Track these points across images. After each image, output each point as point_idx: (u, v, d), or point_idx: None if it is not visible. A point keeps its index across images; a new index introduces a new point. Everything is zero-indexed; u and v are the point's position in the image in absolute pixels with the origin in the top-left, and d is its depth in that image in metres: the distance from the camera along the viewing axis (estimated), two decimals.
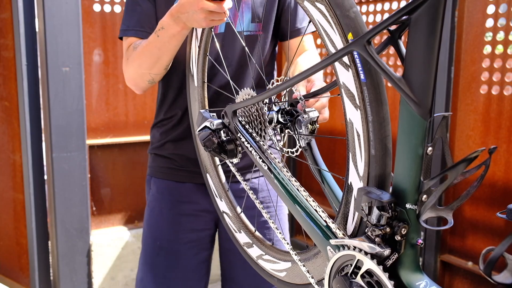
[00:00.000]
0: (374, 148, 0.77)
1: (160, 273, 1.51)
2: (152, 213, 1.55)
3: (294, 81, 0.87)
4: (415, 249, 0.74)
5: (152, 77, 1.38)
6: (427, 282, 0.72)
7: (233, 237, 1.27)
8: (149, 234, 1.55)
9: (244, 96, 1.09)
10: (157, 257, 1.51)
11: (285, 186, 0.96)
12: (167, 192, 1.53)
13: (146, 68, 1.35)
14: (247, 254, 1.22)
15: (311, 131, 1.02)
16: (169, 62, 1.34)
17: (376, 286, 0.74)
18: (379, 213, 0.73)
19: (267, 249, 1.16)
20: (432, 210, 0.73)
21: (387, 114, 0.77)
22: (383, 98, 0.76)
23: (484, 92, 2.08)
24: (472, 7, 2.09)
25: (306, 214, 0.91)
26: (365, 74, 0.75)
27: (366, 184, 0.79)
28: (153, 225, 1.54)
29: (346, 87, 0.79)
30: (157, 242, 1.52)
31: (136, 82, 1.42)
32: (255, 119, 1.06)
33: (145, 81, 1.40)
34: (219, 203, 1.32)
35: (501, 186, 2.04)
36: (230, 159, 1.10)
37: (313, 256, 0.97)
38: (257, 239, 1.20)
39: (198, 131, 1.11)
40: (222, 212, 1.31)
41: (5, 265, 2.65)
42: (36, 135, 2.39)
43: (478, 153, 0.69)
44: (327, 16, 0.79)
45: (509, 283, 0.62)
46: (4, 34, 2.39)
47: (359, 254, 0.76)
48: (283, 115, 1.07)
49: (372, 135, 0.77)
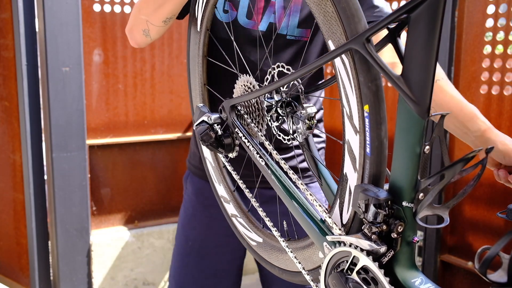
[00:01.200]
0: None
1: (190, 272, 1.52)
2: (186, 214, 1.56)
3: (295, 76, 0.87)
4: (411, 246, 0.75)
5: (148, 27, 1.30)
6: (422, 279, 0.72)
7: (214, 188, 1.29)
8: (182, 232, 1.56)
9: (243, 83, 1.09)
10: (189, 257, 1.53)
11: (282, 182, 0.96)
12: (201, 194, 1.53)
13: (145, 14, 1.28)
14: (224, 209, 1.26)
15: (308, 126, 1.02)
16: (170, 14, 1.27)
17: (371, 282, 0.74)
18: (375, 210, 0.73)
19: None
20: (429, 208, 0.73)
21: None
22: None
23: (484, 92, 2.08)
24: (472, 7, 2.09)
25: (302, 210, 0.91)
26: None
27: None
28: (186, 225, 1.55)
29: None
30: (189, 242, 1.53)
31: (132, 30, 1.35)
32: (253, 107, 1.06)
33: (140, 30, 1.33)
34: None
35: (501, 186, 2.04)
36: (227, 154, 1.11)
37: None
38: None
39: (196, 125, 1.12)
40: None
41: (5, 265, 2.65)
42: (36, 135, 2.39)
43: (476, 153, 0.69)
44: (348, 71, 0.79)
45: (504, 282, 0.62)
46: (4, 34, 2.39)
47: (355, 250, 0.76)
48: (282, 106, 1.07)
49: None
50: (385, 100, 0.77)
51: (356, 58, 0.75)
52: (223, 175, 1.28)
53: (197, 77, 1.31)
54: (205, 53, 1.29)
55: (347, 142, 0.82)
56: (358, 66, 0.75)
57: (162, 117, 2.76)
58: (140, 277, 2.76)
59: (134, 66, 2.64)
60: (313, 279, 0.96)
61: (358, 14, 0.76)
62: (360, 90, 0.76)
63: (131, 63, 2.64)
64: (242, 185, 1.15)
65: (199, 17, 1.24)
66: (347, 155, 0.83)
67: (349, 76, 0.78)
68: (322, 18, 0.81)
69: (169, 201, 2.88)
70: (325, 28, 0.81)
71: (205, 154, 1.32)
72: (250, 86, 1.06)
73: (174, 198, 2.89)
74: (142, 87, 2.69)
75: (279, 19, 1.34)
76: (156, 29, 1.31)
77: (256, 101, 1.04)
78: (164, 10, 1.25)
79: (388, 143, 0.78)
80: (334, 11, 0.78)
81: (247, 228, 1.22)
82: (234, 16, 1.34)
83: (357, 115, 0.78)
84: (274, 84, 0.92)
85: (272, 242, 1.14)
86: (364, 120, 0.77)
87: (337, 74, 0.81)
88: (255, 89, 1.04)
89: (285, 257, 1.09)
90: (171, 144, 2.83)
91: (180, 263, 1.53)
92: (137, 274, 2.75)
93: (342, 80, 0.80)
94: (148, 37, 1.34)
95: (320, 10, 0.81)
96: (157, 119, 2.75)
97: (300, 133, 1.04)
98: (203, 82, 1.31)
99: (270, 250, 1.15)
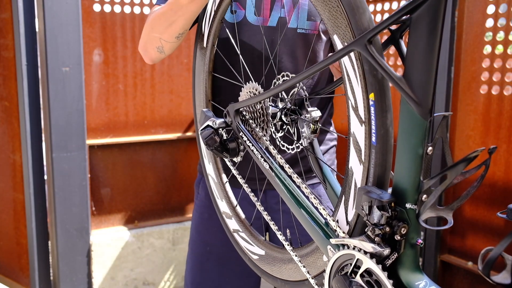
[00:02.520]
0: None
1: (210, 278, 1.50)
2: (201, 219, 1.53)
3: (297, 80, 0.87)
4: (415, 249, 0.74)
5: (162, 44, 1.32)
6: (427, 282, 0.72)
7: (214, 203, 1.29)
8: (198, 239, 1.53)
9: (248, 90, 1.09)
10: (208, 262, 1.50)
11: (287, 186, 0.96)
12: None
13: (158, 32, 1.29)
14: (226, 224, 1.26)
15: (313, 131, 1.02)
16: (182, 30, 1.28)
17: (375, 285, 0.74)
18: (379, 212, 0.73)
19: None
20: (432, 210, 0.73)
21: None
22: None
23: (484, 92, 2.08)
24: (472, 7, 2.09)
25: (307, 213, 0.91)
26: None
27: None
28: (203, 230, 1.53)
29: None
30: (207, 248, 1.51)
31: (146, 47, 1.37)
32: (258, 112, 1.06)
33: (154, 47, 1.34)
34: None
35: (501, 186, 2.04)
36: (232, 158, 1.11)
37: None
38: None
39: (201, 130, 1.12)
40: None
41: (5, 265, 2.65)
42: (36, 135, 2.39)
43: (478, 153, 0.69)
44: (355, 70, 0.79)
45: (508, 284, 0.62)
46: (4, 34, 2.39)
47: (359, 253, 0.76)
48: (286, 114, 1.07)
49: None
50: (390, 88, 0.77)
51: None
52: (225, 190, 1.28)
53: (202, 93, 1.32)
54: (210, 69, 1.29)
55: (352, 135, 0.82)
56: (362, 55, 0.76)
57: (162, 117, 2.76)
58: (140, 277, 2.76)
59: (134, 66, 2.64)
60: (317, 283, 0.95)
61: (362, 6, 0.76)
62: (365, 79, 0.77)
63: (131, 63, 2.63)
64: (247, 188, 1.15)
65: (206, 33, 1.25)
66: (352, 148, 0.83)
67: (354, 66, 0.78)
68: (327, 15, 0.82)
69: (169, 201, 2.88)
70: (330, 23, 0.82)
71: (208, 171, 1.33)
72: (256, 93, 1.07)
73: (174, 198, 2.89)
74: (142, 87, 2.68)
75: (289, 13, 1.34)
76: (169, 45, 1.33)
77: (261, 107, 1.05)
78: (177, 26, 1.26)
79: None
80: (339, 5, 0.78)
81: (249, 242, 1.22)
82: (242, 15, 1.34)
83: (362, 105, 0.78)
84: (278, 88, 0.92)
85: (274, 253, 1.14)
86: (370, 109, 0.77)
87: (342, 66, 0.81)
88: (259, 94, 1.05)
89: (287, 267, 1.09)
90: (171, 144, 2.82)
91: (199, 268, 1.51)
92: (137, 274, 2.75)
93: (347, 71, 0.80)
94: (163, 53, 1.35)
95: (325, 6, 0.81)
96: (157, 119, 2.75)
97: (305, 137, 1.04)
98: (208, 98, 1.31)
99: (272, 262, 1.14)
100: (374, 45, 0.72)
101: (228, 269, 1.50)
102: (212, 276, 1.50)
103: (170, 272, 2.84)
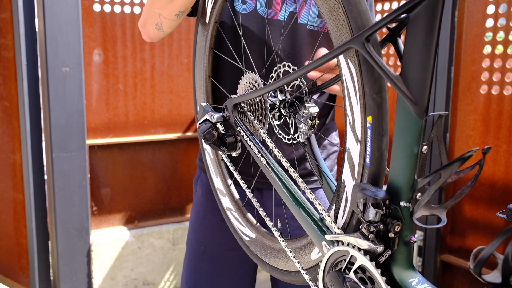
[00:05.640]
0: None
1: (203, 277, 1.50)
2: (197, 217, 1.53)
3: (296, 75, 0.87)
4: (408, 246, 0.74)
5: (161, 21, 1.31)
6: (419, 279, 0.72)
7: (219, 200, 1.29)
8: (193, 237, 1.53)
9: (247, 80, 1.09)
10: (202, 262, 1.50)
11: (283, 181, 0.96)
12: (211, 197, 1.49)
13: (158, 7, 1.29)
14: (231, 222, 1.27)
15: (311, 126, 1.02)
16: (182, 7, 1.27)
17: (368, 282, 0.74)
18: (373, 210, 0.73)
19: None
20: (426, 208, 0.73)
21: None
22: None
23: (484, 92, 2.08)
24: (472, 7, 2.09)
25: (302, 209, 0.92)
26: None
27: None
28: (198, 229, 1.53)
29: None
30: (201, 247, 1.51)
31: (145, 23, 1.36)
32: (257, 105, 1.06)
33: (153, 24, 1.33)
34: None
35: (501, 186, 2.04)
36: (230, 152, 1.11)
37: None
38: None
39: (199, 124, 1.12)
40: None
41: (5, 265, 2.65)
42: (36, 135, 2.39)
43: (472, 153, 0.69)
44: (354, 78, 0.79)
45: (498, 283, 0.62)
46: (4, 34, 2.40)
47: (353, 250, 0.76)
48: (285, 106, 1.07)
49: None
50: (388, 112, 0.77)
51: (363, 69, 0.75)
52: (221, 167, 1.28)
53: (202, 69, 1.31)
54: (212, 46, 1.29)
55: (347, 150, 0.82)
56: (364, 76, 0.76)
57: (162, 117, 2.76)
58: (140, 277, 2.76)
59: (134, 66, 2.64)
60: (311, 279, 0.96)
61: (362, 4, 0.76)
62: (365, 100, 0.77)
63: (131, 63, 2.64)
64: (241, 181, 1.15)
65: (209, 9, 1.24)
66: (346, 162, 0.83)
67: (355, 86, 0.78)
68: (332, 25, 0.81)
69: (169, 201, 2.88)
70: (334, 35, 0.82)
71: (204, 145, 1.32)
72: (255, 84, 1.06)
73: (174, 198, 2.89)
74: (142, 87, 2.69)
75: (300, 8, 1.33)
76: (168, 23, 1.32)
77: (259, 100, 1.05)
78: (177, 3, 1.25)
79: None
80: (344, 17, 0.78)
81: (241, 222, 1.23)
82: (253, 6, 1.34)
83: (360, 125, 0.78)
84: (277, 83, 0.92)
85: (265, 240, 1.14)
86: (367, 130, 0.77)
87: (343, 82, 0.81)
88: (258, 88, 1.04)
89: (276, 255, 1.09)
90: (171, 144, 2.83)
91: (193, 268, 1.50)
92: (137, 274, 2.75)
93: (347, 89, 0.80)
94: (161, 30, 1.34)
95: (331, 15, 0.81)
96: (157, 119, 2.75)
97: (302, 132, 1.04)
98: (208, 74, 1.31)
99: (262, 247, 1.15)
100: (372, 43, 0.72)
101: (222, 270, 1.49)
102: (206, 277, 1.50)
103: (170, 272, 2.85)
